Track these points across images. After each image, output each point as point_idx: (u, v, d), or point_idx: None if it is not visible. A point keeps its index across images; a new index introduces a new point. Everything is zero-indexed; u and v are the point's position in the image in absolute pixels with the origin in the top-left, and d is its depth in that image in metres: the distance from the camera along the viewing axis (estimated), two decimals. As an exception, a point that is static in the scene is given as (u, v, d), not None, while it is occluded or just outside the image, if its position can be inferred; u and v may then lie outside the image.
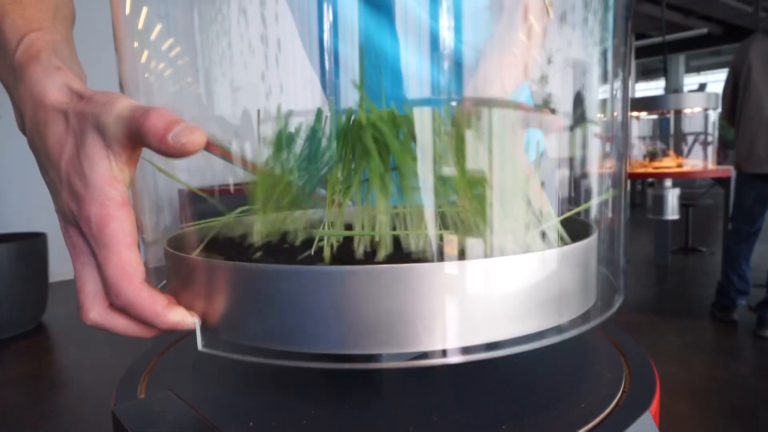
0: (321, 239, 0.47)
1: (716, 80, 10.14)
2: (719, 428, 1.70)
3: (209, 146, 0.75)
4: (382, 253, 0.44)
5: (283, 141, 0.50)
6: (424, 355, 0.39)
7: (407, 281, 0.36)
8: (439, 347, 0.38)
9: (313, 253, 0.46)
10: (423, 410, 0.44)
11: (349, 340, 0.37)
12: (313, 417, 0.43)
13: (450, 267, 0.37)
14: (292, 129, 0.52)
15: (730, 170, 3.07)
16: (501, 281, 0.39)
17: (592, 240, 0.46)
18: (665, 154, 3.61)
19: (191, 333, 0.41)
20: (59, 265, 3.82)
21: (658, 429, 0.42)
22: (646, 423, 0.40)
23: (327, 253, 0.44)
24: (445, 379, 0.50)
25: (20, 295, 2.82)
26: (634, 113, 3.63)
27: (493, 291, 0.38)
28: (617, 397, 0.44)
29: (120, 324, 0.40)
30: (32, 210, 3.84)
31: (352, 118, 0.48)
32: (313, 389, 0.49)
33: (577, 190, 0.54)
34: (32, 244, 2.88)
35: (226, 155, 0.57)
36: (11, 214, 3.75)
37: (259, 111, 0.53)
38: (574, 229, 0.55)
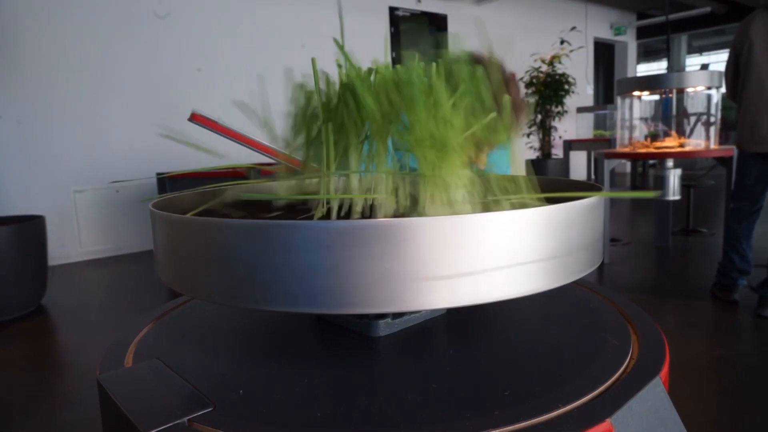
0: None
1: (719, 61, 10.01)
2: (720, 407, 1.69)
3: (209, 124, 0.73)
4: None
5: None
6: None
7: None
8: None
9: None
10: (422, 377, 0.42)
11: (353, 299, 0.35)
12: (307, 385, 0.41)
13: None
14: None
15: (732, 150, 3.04)
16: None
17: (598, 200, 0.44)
18: (667, 134, 3.57)
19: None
20: (58, 248, 3.81)
21: (668, 394, 0.40)
22: (657, 388, 0.38)
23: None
24: (446, 345, 0.48)
25: (20, 278, 2.80)
26: (636, 93, 3.59)
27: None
28: (625, 364, 0.42)
29: None
30: (31, 193, 3.82)
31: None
32: (308, 356, 0.47)
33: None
34: (31, 227, 2.86)
35: (227, 132, 0.55)
36: (10, 197, 3.72)
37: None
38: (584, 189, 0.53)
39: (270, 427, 0.35)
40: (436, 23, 6.03)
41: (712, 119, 3.46)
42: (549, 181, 0.61)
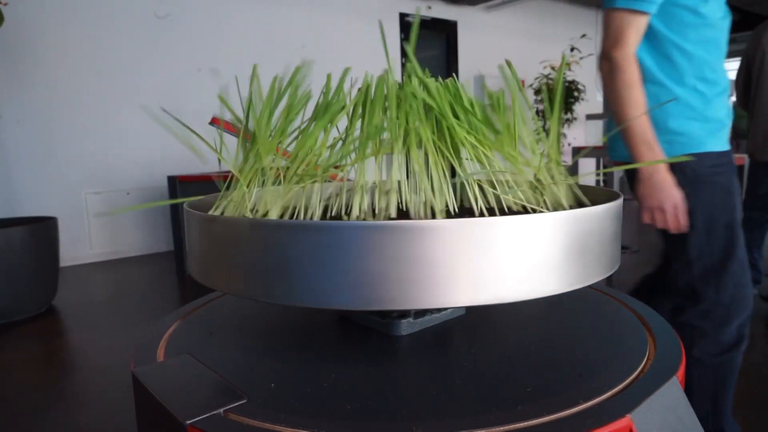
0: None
1: (730, 69, 9.96)
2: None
3: (228, 127, 0.75)
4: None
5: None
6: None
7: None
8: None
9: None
10: (445, 374, 0.43)
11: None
12: (334, 380, 0.43)
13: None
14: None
15: (743, 158, 3.03)
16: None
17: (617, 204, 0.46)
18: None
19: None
20: (70, 250, 3.84)
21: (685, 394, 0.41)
22: (674, 387, 0.39)
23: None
24: (467, 344, 0.49)
25: (32, 279, 2.83)
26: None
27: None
28: (643, 363, 0.43)
29: None
30: (44, 194, 3.85)
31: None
32: (334, 353, 0.49)
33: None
34: (43, 228, 2.89)
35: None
36: (23, 198, 3.77)
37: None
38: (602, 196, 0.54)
39: (303, 418, 0.37)
40: (447, 30, 6.06)
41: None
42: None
